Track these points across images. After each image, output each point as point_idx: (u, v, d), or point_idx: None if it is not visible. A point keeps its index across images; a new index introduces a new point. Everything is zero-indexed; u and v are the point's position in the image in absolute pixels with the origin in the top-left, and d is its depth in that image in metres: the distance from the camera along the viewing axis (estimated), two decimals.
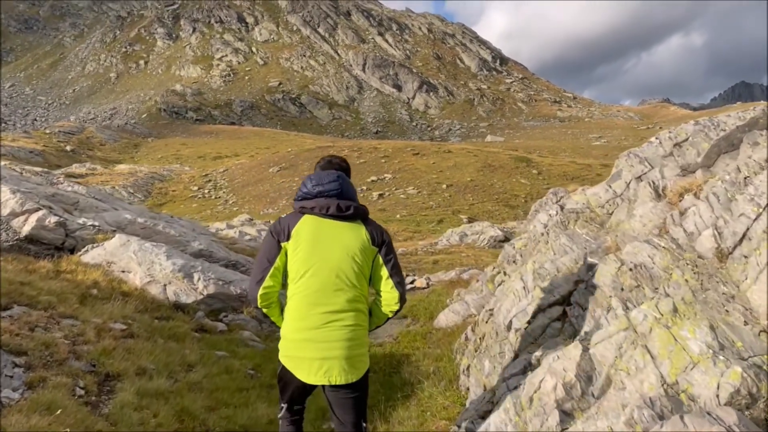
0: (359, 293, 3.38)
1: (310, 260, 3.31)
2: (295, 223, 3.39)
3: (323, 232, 3.36)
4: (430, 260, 15.73)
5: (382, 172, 47.06)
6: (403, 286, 3.49)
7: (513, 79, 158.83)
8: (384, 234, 3.49)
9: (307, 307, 3.29)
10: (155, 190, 49.24)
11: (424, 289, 11.88)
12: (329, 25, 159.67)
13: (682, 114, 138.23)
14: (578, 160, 55.99)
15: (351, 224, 3.41)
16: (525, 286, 4.53)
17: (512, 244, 6.31)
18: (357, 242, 3.36)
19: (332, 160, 3.73)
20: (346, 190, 3.47)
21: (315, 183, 3.46)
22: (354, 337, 3.32)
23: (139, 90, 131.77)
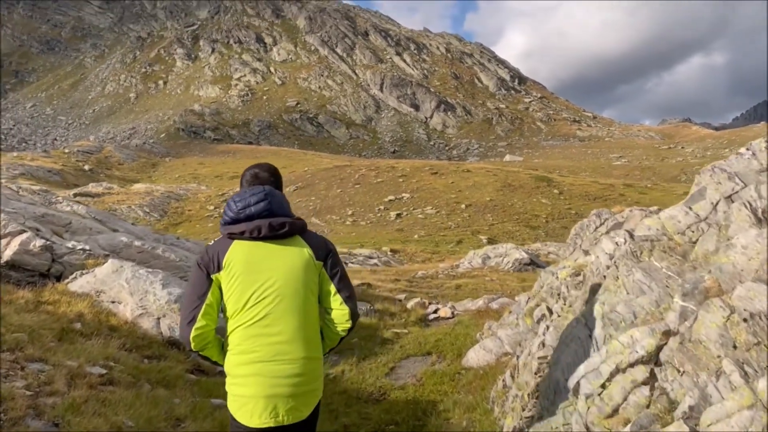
0: (309, 319, 3.05)
1: (248, 289, 2.97)
2: (225, 251, 3.03)
3: (258, 256, 3.02)
4: (453, 285, 14.98)
5: (400, 191, 46.45)
6: (353, 301, 3.15)
7: (532, 98, 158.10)
8: (327, 244, 3.20)
9: (251, 340, 2.95)
10: (171, 210, 48.94)
11: (449, 319, 11.11)
12: (347, 45, 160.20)
13: (704, 133, 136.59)
14: (600, 180, 55.10)
15: (289, 242, 3.09)
16: (592, 334, 3.79)
17: (554, 273, 5.52)
18: (299, 260, 3.06)
19: (258, 174, 3.34)
20: (277, 207, 3.12)
21: (240, 205, 3.09)
22: (305, 372, 2.98)
23: (158, 110, 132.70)
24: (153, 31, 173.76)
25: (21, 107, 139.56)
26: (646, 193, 48.50)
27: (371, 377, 7.30)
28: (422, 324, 10.80)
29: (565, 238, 37.80)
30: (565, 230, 38.80)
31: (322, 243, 3.19)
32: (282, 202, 3.19)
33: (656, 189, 51.71)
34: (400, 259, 29.04)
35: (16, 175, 56.71)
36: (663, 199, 46.43)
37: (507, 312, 7.77)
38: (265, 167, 3.41)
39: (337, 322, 3.14)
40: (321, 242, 3.19)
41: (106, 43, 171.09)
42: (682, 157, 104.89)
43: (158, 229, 44.29)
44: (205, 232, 42.64)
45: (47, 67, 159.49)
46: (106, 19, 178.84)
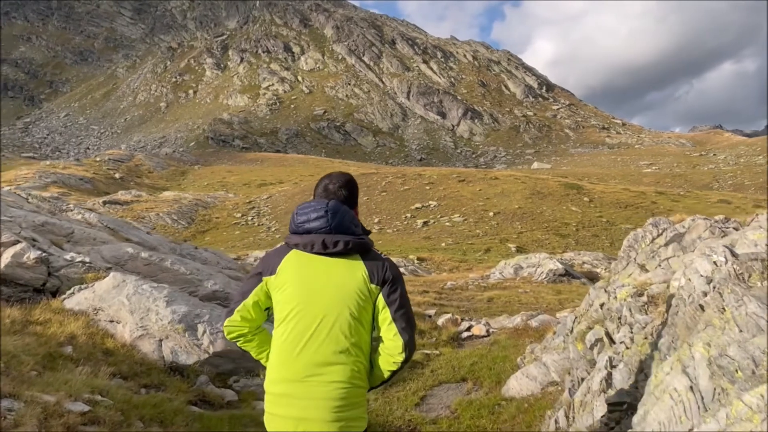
0: (353, 344, 2.85)
1: (293, 301, 2.87)
2: (281, 258, 2.96)
3: (311, 269, 2.91)
4: (484, 297, 14.22)
5: (427, 199, 45.90)
6: (409, 332, 2.92)
7: (560, 105, 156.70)
8: (388, 270, 2.94)
9: (288, 355, 2.84)
10: (198, 217, 48.95)
11: (484, 338, 10.22)
12: (374, 54, 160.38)
13: (737, 140, 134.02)
14: (631, 188, 54.00)
15: (345, 260, 2.93)
16: (695, 385, 2.93)
17: (609, 292, 4.88)
18: (352, 282, 2.89)
19: (329, 187, 3.19)
20: (338, 224, 2.95)
21: (301, 219, 3.00)
22: (342, 397, 2.78)
23: (188, 119, 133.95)
24: (183, 42, 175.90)
25: (55, 117, 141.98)
26: (678, 201, 47.37)
27: (399, 408, 6.58)
28: (454, 343, 9.96)
29: (596, 246, 36.98)
30: (596, 238, 38.03)
31: (381, 266, 2.95)
32: (345, 218, 2.99)
33: (689, 196, 50.51)
34: (427, 268, 28.49)
35: (48, 183, 57.36)
36: (696, 207, 45.25)
37: (550, 332, 7.03)
38: (336, 178, 3.23)
39: (388, 353, 2.93)
40: (381, 265, 2.95)
41: (137, 54, 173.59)
42: (714, 164, 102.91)
43: (185, 236, 44.31)
44: (232, 239, 42.53)
45: (80, 77, 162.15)
46: (138, 30, 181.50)
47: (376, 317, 2.93)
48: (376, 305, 2.92)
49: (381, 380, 3.03)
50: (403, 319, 2.91)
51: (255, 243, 40.22)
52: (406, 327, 2.91)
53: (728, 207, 45.85)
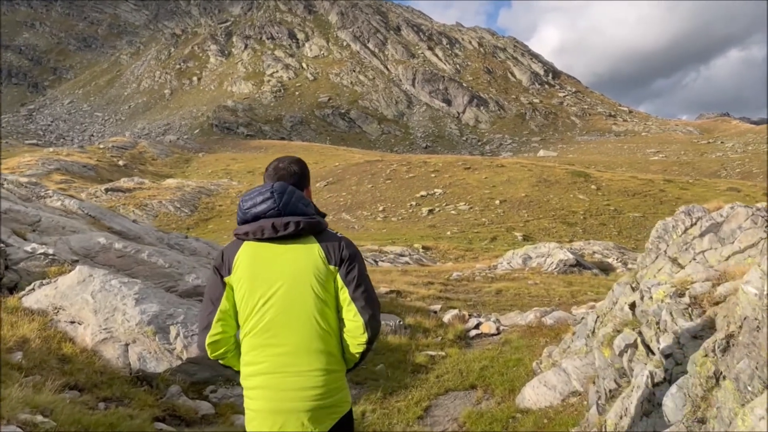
0: (322, 327, 2.73)
1: (253, 295, 2.73)
2: (235, 252, 2.79)
3: (264, 259, 2.75)
4: (492, 289, 13.58)
5: (432, 186, 45.31)
6: (369, 311, 2.76)
7: (566, 92, 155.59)
8: (345, 247, 2.80)
9: (257, 350, 2.72)
10: (202, 205, 48.51)
11: (494, 336, 9.33)
12: (379, 41, 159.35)
13: (744, 128, 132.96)
14: (639, 175, 53.28)
15: (299, 243, 2.78)
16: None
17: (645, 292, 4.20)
18: (308, 263, 2.74)
19: (279, 167, 3.05)
20: (286, 204, 2.80)
21: (247, 204, 2.82)
22: (318, 384, 2.69)
23: (192, 106, 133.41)
24: (187, 28, 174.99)
25: (59, 104, 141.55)
26: (687, 189, 46.70)
27: (400, 422, 5.82)
28: (462, 343, 9.10)
29: (604, 235, 36.38)
30: (604, 227, 37.43)
31: (337, 244, 2.80)
32: (293, 199, 2.83)
33: (698, 184, 49.82)
34: (432, 257, 27.99)
35: (51, 170, 57.08)
36: (705, 195, 44.60)
37: (569, 333, 6.32)
38: (286, 160, 3.09)
39: (352, 336, 2.77)
40: (337, 244, 2.80)
41: (141, 40, 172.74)
42: (721, 152, 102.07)
43: (188, 224, 43.92)
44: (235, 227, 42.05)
45: (84, 64, 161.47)
46: (142, 16, 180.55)
47: (337, 298, 2.78)
48: (336, 285, 2.77)
49: (354, 362, 2.89)
50: (362, 297, 2.76)
51: None
52: (366, 306, 2.76)
53: (738, 195, 45.16)
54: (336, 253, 2.77)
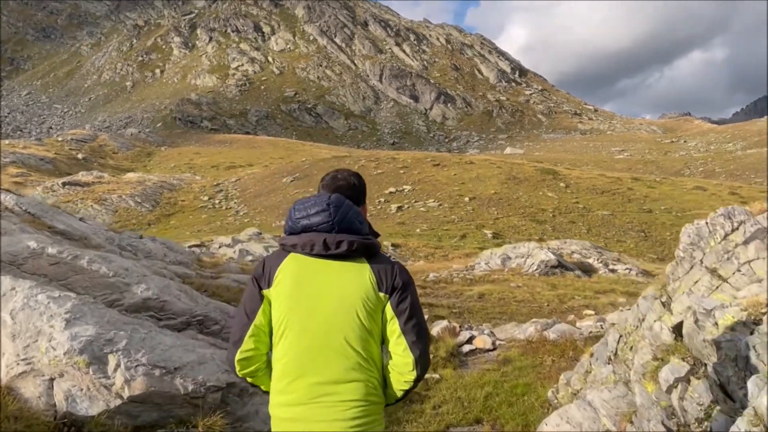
0: (364, 358, 2.48)
1: (292, 314, 2.49)
2: (278, 264, 2.57)
3: (309, 275, 2.51)
4: (474, 293, 12.79)
5: (401, 183, 44.76)
6: (420, 347, 2.50)
7: (533, 90, 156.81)
8: (398, 275, 2.52)
9: (291, 377, 2.48)
10: (164, 200, 47.22)
11: (490, 352, 8.35)
12: (346, 35, 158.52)
13: (707, 128, 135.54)
14: (607, 174, 53.49)
15: (349, 264, 2.52)
16: None
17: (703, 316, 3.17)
18: (357, 288, 2.49)
19: (337, 177, 2.86)
20: (341, 220, 2.55)
21: (299, 215, 2.60)
22: (357, 416, 2.44)
23: (155, 99, 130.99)
24: (150, 20, 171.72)
25: (16, 95, 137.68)
26: (655, 187, 46.93)
27: None
28: (455, 361, 8.07)
29: (573, 233, 36.20)
30: (573, 225, 37.28)
31: (390, 271, 2.54)
32: (350, 215, 2.61)
33: (665, 183, 50.14)
34: (402, 255, 27.43)
35: (7, 163, 55.24)
36: (672, 194, 44.90)
37: (586, 354, 5.48)
38: (345, 171, 2.91)
39: (398, 371, 2.55)
40: (390, 270, 2.54)
41: (102, 31, 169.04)
42: (685, 151, 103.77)
43: (150, 220, 42.68)
44: (198, 223, 41.00)
45: (43, 54, 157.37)
46: (103, 6, 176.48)
47: (384, 330, 2.56)
48: (384, 315, 2.54)
49: (395, 399, 2.66)
50: (413, 331, 2.51)
51: (222, 227, 38.76)
52: (417, 341, 2.51)
53: (704, 194, 45.57)
54: (388, 280, 2.51)
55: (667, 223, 37.57)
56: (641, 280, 15.24)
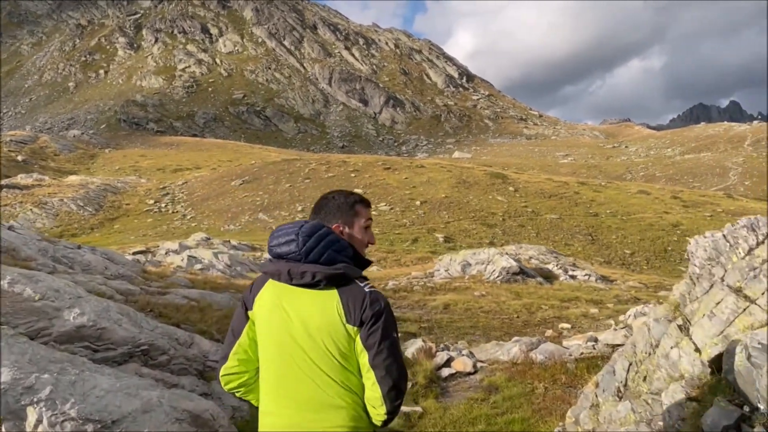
0: (340, 386, 2.43)
1: (269, 338, 2.52)
2: (259, 288, 2.61)
3: (282, 303, 2.51)
4: (438, 303, 12.38)
5: (352, 187, 44.44)
6: (389, 381, 2.39)
7: (479, 95, 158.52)
8: (368, 307, 2.40)
9: (273, 399, 2.50)
10: (107, 204, 45.85)
11: (471, 375, 7.64)
12: (295, 38, 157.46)
13: (646, 133, 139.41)
14: (554, 178, 54.32)
15: (317, 293, 2.45)
16: None
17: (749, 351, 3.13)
18: (321, 319, 2.42)
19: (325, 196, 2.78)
20: (309, 251, 2.47)
21: (273, 242, 2.59)
22: None
23: (98, 100, 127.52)
24: (93, 19, 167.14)
25: None
26: (600, 192, 47.83)
27: None
28: (436, 388, 7.31)
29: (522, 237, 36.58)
30: (522, 228, 37.66)
31: (360, 301, 2.42)
32: (321, 245, 2.49)
33: (610, 187, 51.18)
34: None
35: None
36: (618, 197, 45.84)
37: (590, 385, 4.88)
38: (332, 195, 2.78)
39: (371, 405, 2.47)
40: (360, 300, 2.43)
41: (43, 30, 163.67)
42: (626, 156, 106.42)
43: (92, 224, 41.37)
44: (144, 227, 39.93)
45: None
46: (44, 5, 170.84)
47: (359, 363, 2.47)
48: (356, 347, 2.44)
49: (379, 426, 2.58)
50: (382, 365, 2.40)
51: (169, 231, 37.84)
52: (386, 376, 2.40)
53: (648, 198, 46.69)
54: (357, 312, 2.40)
55: (612, 227, 38.31)
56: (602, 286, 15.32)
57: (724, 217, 40.91)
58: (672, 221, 39.40)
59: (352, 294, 2.44)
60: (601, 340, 7.64)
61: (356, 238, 2.69)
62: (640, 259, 34.00)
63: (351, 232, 2.68)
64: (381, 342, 2.40)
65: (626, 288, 15.66)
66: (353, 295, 2.44)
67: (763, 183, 72.17)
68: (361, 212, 2.75)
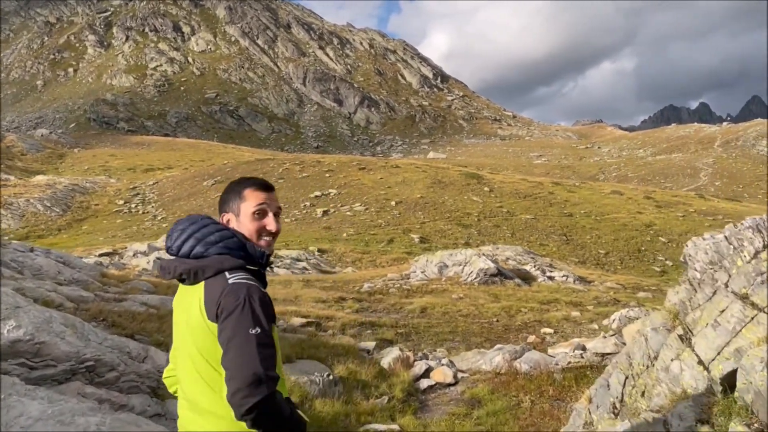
0: (212, 390, 2.27)
1: (174, 339, 2.48)
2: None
3: (176, 300, 2.47)
4: (415, 307, 11.93)
5: (327, 187, 44.05)
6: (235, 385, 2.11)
7: (454, 96, 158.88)
8: (223, 300, 2.20)
9: (179, 402, 2.44)
10: (76, 204, 44.83)
11: (452, 386, 7.12)
12: (269, 37, 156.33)
13: (619, 134, 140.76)
14: (529, 178, 54.41)
15: (191, 289, 2.35)
16: None
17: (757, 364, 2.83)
18: (190, 316, 2.31)
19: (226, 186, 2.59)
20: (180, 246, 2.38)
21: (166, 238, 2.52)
22: None
23: (68, 98, 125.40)
24: (63, 17, 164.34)
25: None
26: (575, 192, 47.97)
27: None
28: (415, 402, 6.72)
29: (498, 237, 36.47)
30: (498, 229, 37.52)
31: (216, 297, 2.21)
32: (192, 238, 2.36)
33: (584, 187, 51.39)
34: (329, 261, 26.78)
35: None
36: (591, 198, 45.98)
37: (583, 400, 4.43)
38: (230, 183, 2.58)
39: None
40: (217, 296, 2.21)
41: (11, 28, 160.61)
42: (599, 156, 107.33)
43: (60, 225, 40.40)
44: (113, 228, 39.06)
45: None
46: (12, 2, 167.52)
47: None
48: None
49: None
50: (231, 366, 2.14)
51: (139, 232, 37.03)
52: (231, 379, 2.13)
53: (621, 198, 46.91)
54: (212, 307, 2.21)
55: (587, 227, 38.34)
56: (580, 287, 15.05)
57: (696, 217, 41.25)
58: (645, 221, 39.56)
59: (213, 287, 2.26)
60: (590, 349, 7.23)
61: (244, 225, 2.44)
62: (614, 259, 34.01)
63: (238, 220, 2.45)
64: (231, 339, 2.15)
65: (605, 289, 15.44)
66: (213, 288, 2.26)
67: (733, 183, 73.24)
68: (248, 197, 2.46)
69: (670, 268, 32.41)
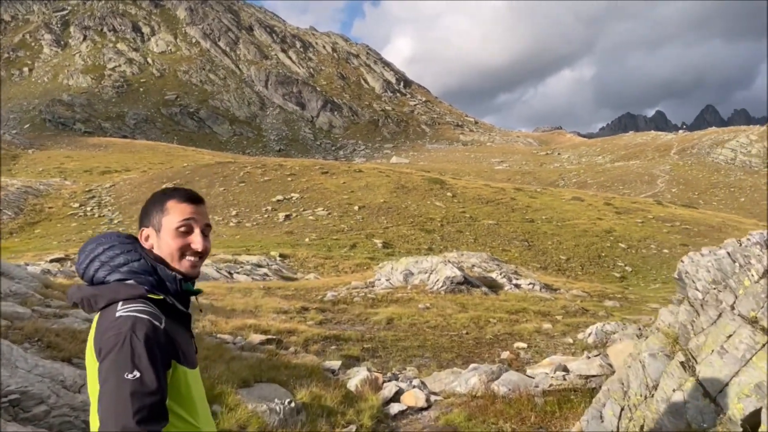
0: None
1: None
2: None
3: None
4: (381, 317, 11.45)
5: (289, 191, 43.48)
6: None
7: (417, 101, 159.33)
8: (104, 337, 1.90)
9: None
10: (28, 207, 43.45)
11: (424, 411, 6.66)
12: (230, 40, 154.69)
13: (578, 141, 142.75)
14: (492, 184, 54.60)
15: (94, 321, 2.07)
16: None
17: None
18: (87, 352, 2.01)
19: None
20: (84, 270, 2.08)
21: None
22: None
23: (22, 98, 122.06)
24: (18, 15, 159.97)
25: None
26: (536, 198, 48.28)
27: None
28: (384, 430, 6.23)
29: (461, 242, 36.45)
30: (461, 234, 37.47)
31: (100, 334, 1.93)
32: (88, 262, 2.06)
33: (545, 193, 51.77)
34: (291, 266, 26.32)
35: None
36: (553, 204, 46.31)
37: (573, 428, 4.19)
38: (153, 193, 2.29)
39: None
40: (100, 332, 1.93)
41: None
42: (559, 162, 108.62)
43: (12, 228, 39.10)
44: (67, 232, 37.92)
45: None
46: None
47: None
48: None
49: None
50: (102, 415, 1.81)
51: None
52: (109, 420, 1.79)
53: (582, 204, 47.31)
54: (98, 343, 1.92)
55: (548, 233, 38.54)
56: (547, 296, 14.90)
57: (654, 223, 41.82)
58: (605, 227, 39.94)
59: (102, 321, 1.96)
60: (573, 370, 6.82)
61: (165, 243, 2.11)
62: (575, 264, 34.20)
63: (159, 236, 2.13)
64: (103, 384, 1.84)
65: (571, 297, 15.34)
66: (102, 322, 1.96)
67: (689, 190, 74.71)
68: (171, 210, 2.16)
69: (630, 274, 32.77)
